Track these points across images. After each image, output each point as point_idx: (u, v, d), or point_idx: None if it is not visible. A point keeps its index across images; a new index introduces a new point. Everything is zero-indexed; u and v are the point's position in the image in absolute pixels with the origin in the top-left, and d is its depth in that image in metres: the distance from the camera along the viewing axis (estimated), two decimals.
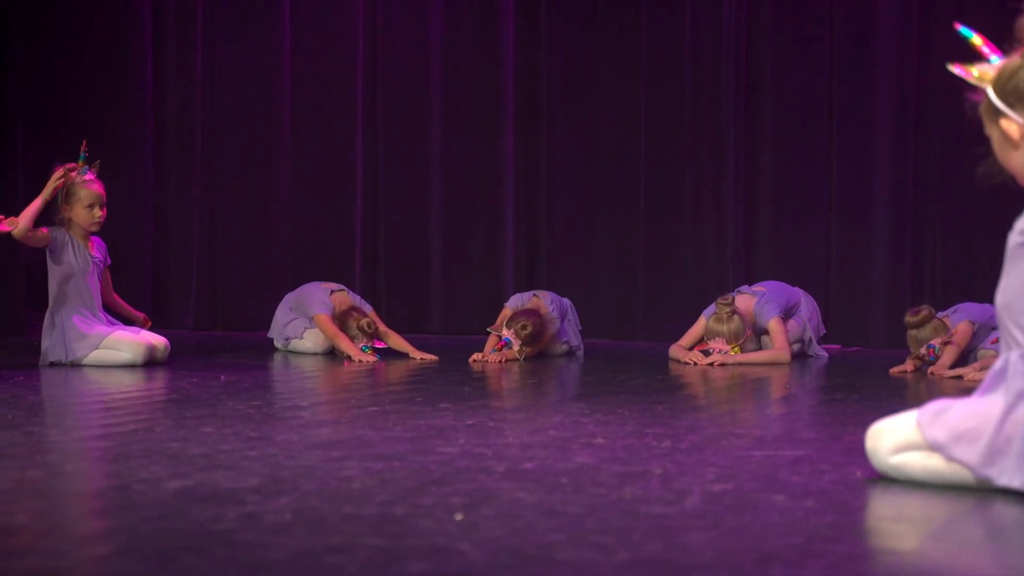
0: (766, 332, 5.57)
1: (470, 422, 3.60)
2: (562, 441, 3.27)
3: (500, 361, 5.49)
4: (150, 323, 5.50)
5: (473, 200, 7.13)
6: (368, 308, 5.88)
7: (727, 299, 5.47)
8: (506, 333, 5.56)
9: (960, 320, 5.30)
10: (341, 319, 5.73)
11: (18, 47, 6.88)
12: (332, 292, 5.90)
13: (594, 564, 2.05)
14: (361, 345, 5.62)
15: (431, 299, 7.20)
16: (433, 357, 5.59)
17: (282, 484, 2.69)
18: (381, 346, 5.67)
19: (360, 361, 5.49)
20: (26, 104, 6.93)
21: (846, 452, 3.09)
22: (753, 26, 6.73)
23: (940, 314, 5.38)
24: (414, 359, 5.60)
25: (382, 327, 5.78)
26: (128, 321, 5.44)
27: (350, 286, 6.30)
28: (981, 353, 5.22)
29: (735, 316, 5.44)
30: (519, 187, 7.06)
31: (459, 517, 2.35)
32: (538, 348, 5.68)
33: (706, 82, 6.77)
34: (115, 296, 5.48)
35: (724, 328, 5.43)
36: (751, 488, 2.66)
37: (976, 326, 5.27)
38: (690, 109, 6.80)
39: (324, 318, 5.74)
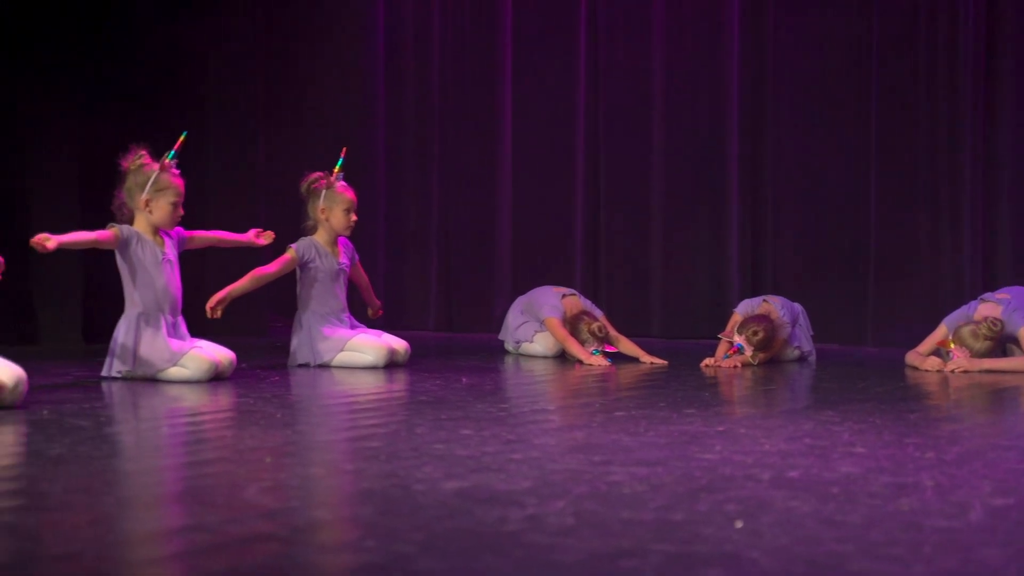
0: (1014, 341, 5.38)
1: (720, 428, 3.61)
2: (821, 449, 3.25)
3: (733, 366, 5.47)
4: (381, 312, 5.70)
5: (696, 202, 7.10)
6: (599, 312, 5.94)
7: (997, 325, 5.30)
8: (738, 339, 5.54)
9: None
10: (572, 323, 5.80)
11: (263, 63, 7.20)
12: (563, 296, 5.98)
13: None
14: (591, 349, 5.68)
15: (651, 303, 7.21)
16: (663, 362, 5.61)
17: (554, 487, 2.76)
18: (612, 350, 5.72)
19: (591, 365, 5.55)
20: (267, 120, 7.25)
21: None
22: (992, 18, 6.51)
23: None
24: (644, 363, 5.63)
25: (613, 331, 5.83)
26: (366, 306, 5.65)
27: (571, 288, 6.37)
28: None
29: (990, 341, 5.28)
30: (744, 188, 7.00)
31: (739, 525, 2.37)
32: (771, 354, 5.63)
33: (942, 77, 6.58)
34: (368, 283, 5.69)
35: (977, 345, 5.27)
36: None
37: None
38: (924, 105, 6.61)
39: (555, 322, 5.83)
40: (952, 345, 5.32)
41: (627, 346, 5.78)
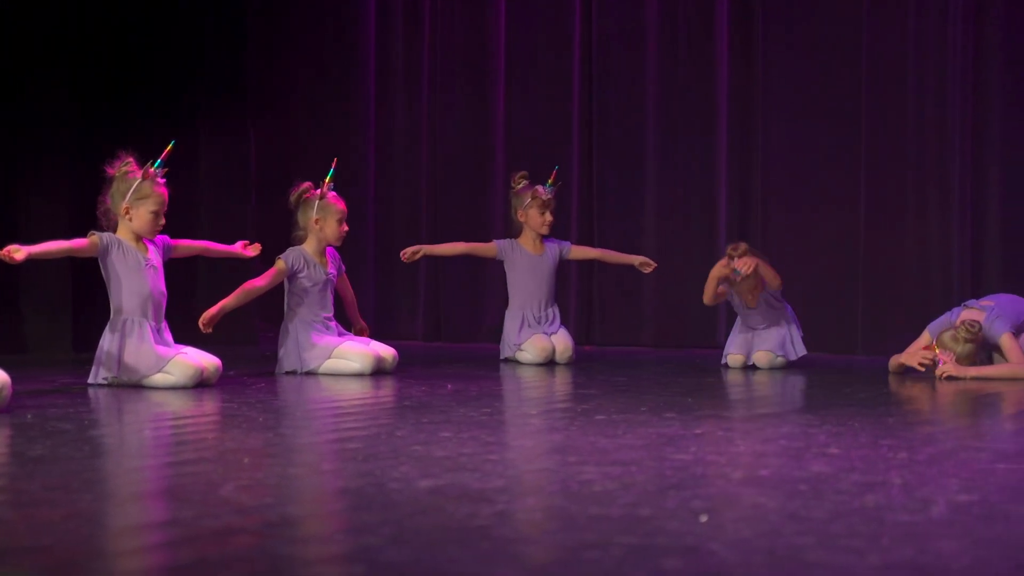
0: (996, 348, 5.41)
1: (698, 431, 3.65)
2: (795, 451, 3.29)
3: None
4: (367, 332, 5.68)
5: (687, 209, 7.13)
6: None
7: (975, 326, 5.32)
8: None
9: None
10: None
11: (252, 63, 7.24)
12: None
13: (846, 567, 2.08)
14: None
15: (643, 313, 7.23)
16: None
17: (526, 486, 2.80)
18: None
19: None
20: (257, 119, 7.30)
21: None
22: (980, 22, 6.54)
23: None
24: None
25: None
26: (350, 326, 5.64)
27: None
28: None
29: (971, 344, 5.30)
30: (732, 194, 7.03)
31: (704, 519, 2.41)
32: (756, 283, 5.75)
33: (930, 81, 6.60)
34: (353, 298, 5.69)
35: (958, 348, 5.29)
36: (999, 500, 2.62)
37: None
38: (913, 111, 6.64)
39: None
40: (937, 351, 5.35)
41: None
